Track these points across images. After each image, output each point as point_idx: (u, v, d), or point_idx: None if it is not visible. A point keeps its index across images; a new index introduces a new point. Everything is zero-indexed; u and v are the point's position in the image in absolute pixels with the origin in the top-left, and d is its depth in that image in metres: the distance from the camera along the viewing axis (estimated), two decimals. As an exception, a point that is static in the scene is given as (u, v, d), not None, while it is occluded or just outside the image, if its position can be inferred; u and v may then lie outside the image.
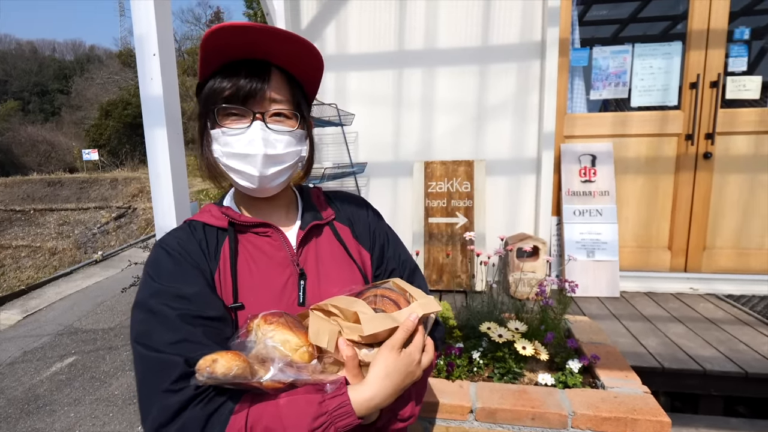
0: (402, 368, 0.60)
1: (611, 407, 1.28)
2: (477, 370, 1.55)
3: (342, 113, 2.68)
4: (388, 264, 0.85)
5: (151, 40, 1.44)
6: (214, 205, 0.78)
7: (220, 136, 0.69)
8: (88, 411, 3.01)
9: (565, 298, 1.76)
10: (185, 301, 0.63)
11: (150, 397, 0.58)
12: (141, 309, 0.63)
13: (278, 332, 0.58)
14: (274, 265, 0.73)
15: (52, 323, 4.94)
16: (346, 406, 0.55)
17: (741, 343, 1.96)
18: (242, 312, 0.68)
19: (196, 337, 0.60)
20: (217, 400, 0.57)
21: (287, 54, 0.68)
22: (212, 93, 0.68)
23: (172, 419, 0.56)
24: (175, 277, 0.65)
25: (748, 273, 2.65)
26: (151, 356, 0.59)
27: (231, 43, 0.65)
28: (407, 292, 0.68)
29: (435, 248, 2.86)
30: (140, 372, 0.60)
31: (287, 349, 0.57)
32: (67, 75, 32.97)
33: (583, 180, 2.73)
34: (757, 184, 2.61)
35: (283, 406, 0.56)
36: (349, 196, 0.92)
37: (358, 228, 0.85)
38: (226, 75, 0.68)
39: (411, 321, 0.62)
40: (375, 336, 0.59)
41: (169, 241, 0.71)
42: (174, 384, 0.56)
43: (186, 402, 0.56)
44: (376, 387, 0.58)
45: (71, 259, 9.03)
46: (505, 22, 2.73)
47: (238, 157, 0.69)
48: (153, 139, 1.48)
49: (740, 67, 2.59)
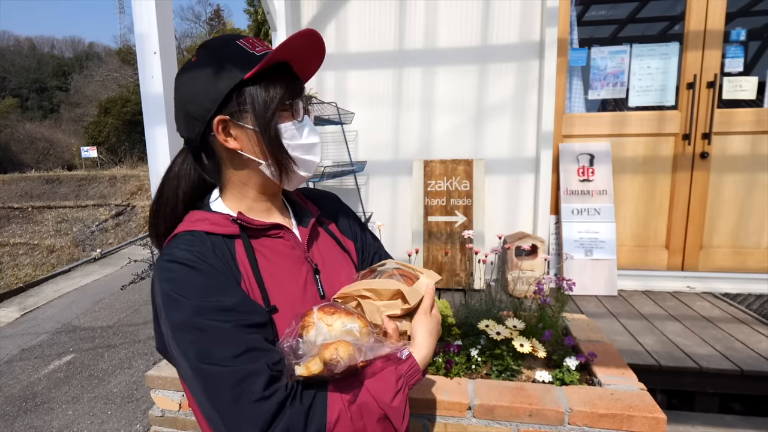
0: (435, 326, 0.72)
1: (608, 404, 1.29)
2: (475, 367, 1.57)
3: (342, 112, 2.68)
4: (369, 249, 0.92)
5: (152, 39, 1.45)
6: (201, 211, 0.73)
7: (289, 128, 0.72)
8: (86, 409, 3.01)
9: (563, 296, 1.77)
10: (231, 313, 0.61)
11: (236, 413, 0.56)
12: (186, 331, 0.59)
13: (345, 319, 0.64)
14: (292, 264, 0.75)
15: (50, 321, 4.93)
16: (415, 366, 0.66)
17: (737, 341, 1.98)
18: (276, 315, 0.68)
19: (258, 344, 0.60)
20: (308, 392, 0.60)
21: (312, 63, 0.74)
22: (277, 90, 0.69)
23: (271, 423, 0.56)
24: (211, 290, 0.62)
25: (744, 272, 2.67)
26: (225, 372, 0.57)
27: (296, 51, 0.69)
28: (411, 267, 0.78)
29: (434, 246, 2.87)
30: (215, 392, 0.57)
31: (362, 332, 0.64)
32: (66, 72, 32.87)
33: (581, 179, 2.75)
34: (753, 183, 2.63)
35: (369, 381, 0.63)
36: (320, 192, 0.96)
37: (340, 221, 0.91)
38: (275, 74, 0.69)
39: (431, 289, 0.73)
40: (409, 308, 0.70)
41: (180, 255, 0.65)
42: (265, 390, 0.56)
43: (282, 402, 0.57)
44: (426, 345, 0.69)
45: (69, 256, 9.01)
46: (505, 22, 2.74)
47: (305, 148, 0.73)
48: (153, 138, 1.49)
49: (737, 68, 2.60)
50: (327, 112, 2.64)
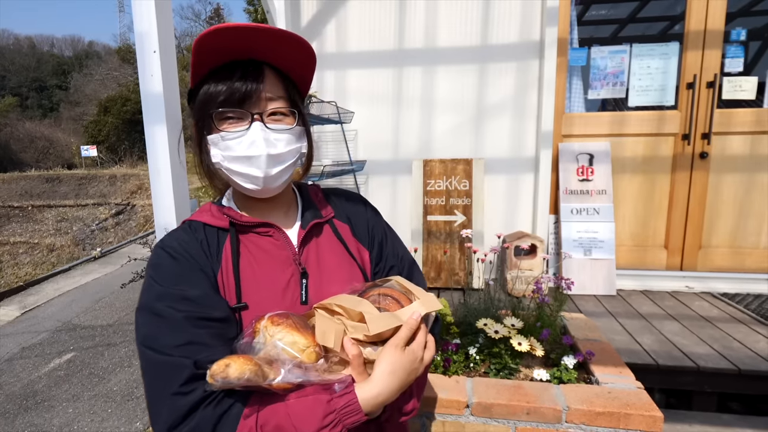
0: (406, 365, 0.62)
1: (605, 402, 1.30)
2: (473, 365, 1.57)
3: (341, 111, 2.69)
4: (387, 261, 0.85)
5: (151, 37, 1.45)
6: (214, 204, 0.77)
7: (220, 140, 0.69)
8: (86, 407, 3.02)
9: (562, 295, 1.78)
10: (190, 303, 0.63)
11: (160, 400, 0.58)
12: (146, 312, 0.63)
13: (286, 333, 0.58)
14: (277, 264, 0.73)
15: (50, 319, 4.94)
16: (353, 404, 0.57)
17: (735, 340, 1.98)
18: (246, 312, 0.68)
19: (201, 338, 0.61)
20: (227, 401, 0.58)
21: (279, 52, 0.68)
22: (207, 98, 0.68)
23: (182, 420, 0.56)
24: (179, 279, 0.65)
25: (743, 272, 2.67)
26: (159, 359, 0.59)
27: (223, 45, 0.64)
28: (409, 290, 0.69)
29: (433, 246, 2.88)
30: (148, 375, 0.60)
31: (295, 350, 0.58)
32: (65, 71, 32.87)
33: (580, 179, 2.75)
34: (752, 183, 2.63)
35: (293, 406, 0.57)
36: (346, 193, 0.91)
37: (357, 226, 0.85)
38: (219, 79, 0.67)
39: (414, 320, 0.63)
40: (380, 335, 0.61)
41: (170, 242, 0.70)
42: (183, 386, 0.57)
43: (197, 403, 0.57)
44: (382, 384, 0.60)
45: (69, 255, 9.02)
46: (504, 22, 2.74)
47: (241, 160, 0.68)
48: (153, 136, 1.49)
49: (737, 68, 2.60)
50: (326, 111, 2.65)
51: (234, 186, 0.74)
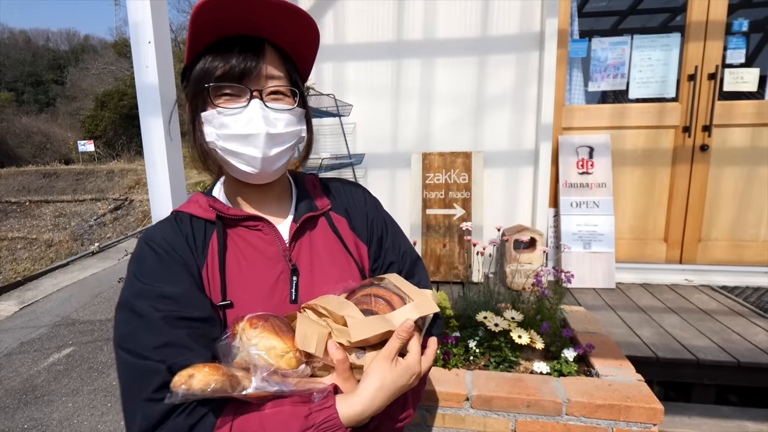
0: (397, 380, 0.57)
1: (605, 395, 1.30)
2: (473, 358, 1.57)
3: (340, 104, 2.66)
4: (386, 257, 0.80)
5: (146, 28, 1.43)
6: (202, 195, 0.73)
7: (215, 117, 0.64)
8: (86, 401, 3.02)
9: (561, 288, 1.77)
10: (170, 302, 0.59)
11: (133, 404, 0.55)
12: (124, 310, 0.60)
13: (263, 338, 0.54)
14: (265, 260, 0.69)
15: (49, 314, 4.93)
16: (333, 420, 0.52)
17: (734, 333, 1.98)
18: (231, 310, 0.64)
19: (180, 339, 0.57)
20: (199, 410, 0.54)
21: (281, 25, 0.63)
22: (203, 73, 0.63)
23: (154, 428, 0.53)
24: (160, 276, 0.62)
25: (742, 264, 2.67)
26: (133, 362, 0.56)
27: (222, 16, 0.60)
28: (403, 291, 0.64)
29: (432, 239, 2.87)
30: (123, 378, 0.57)
31: (272, 356, 0.53)
32: (61, 65, 32.65)
33: (580, 172, 2.74)
34: (753, 176, 2.62)
35: (268, 418, 0.53)
36: (346, 183, 0.86)
37: (356, 219, 0.80)
38: (218, 53, 0.63)
39: (405, 329, 0.58)
40: (366, 340, 0.56)
41: (153, 236, 0.66)
42: (155, 393, 0.54)
43: (168, 412, 0.53)
44: (367, 400, 0.54)
45: (68, 250, 9.00)
46: (504, 13, 2.71)
47: (238, 139, 0.64)
48: (148, 128, 1.48)
49: (738, 60, 2.58)
50: (325, 103, 2.62)
51: (227, 169, 0.70)
